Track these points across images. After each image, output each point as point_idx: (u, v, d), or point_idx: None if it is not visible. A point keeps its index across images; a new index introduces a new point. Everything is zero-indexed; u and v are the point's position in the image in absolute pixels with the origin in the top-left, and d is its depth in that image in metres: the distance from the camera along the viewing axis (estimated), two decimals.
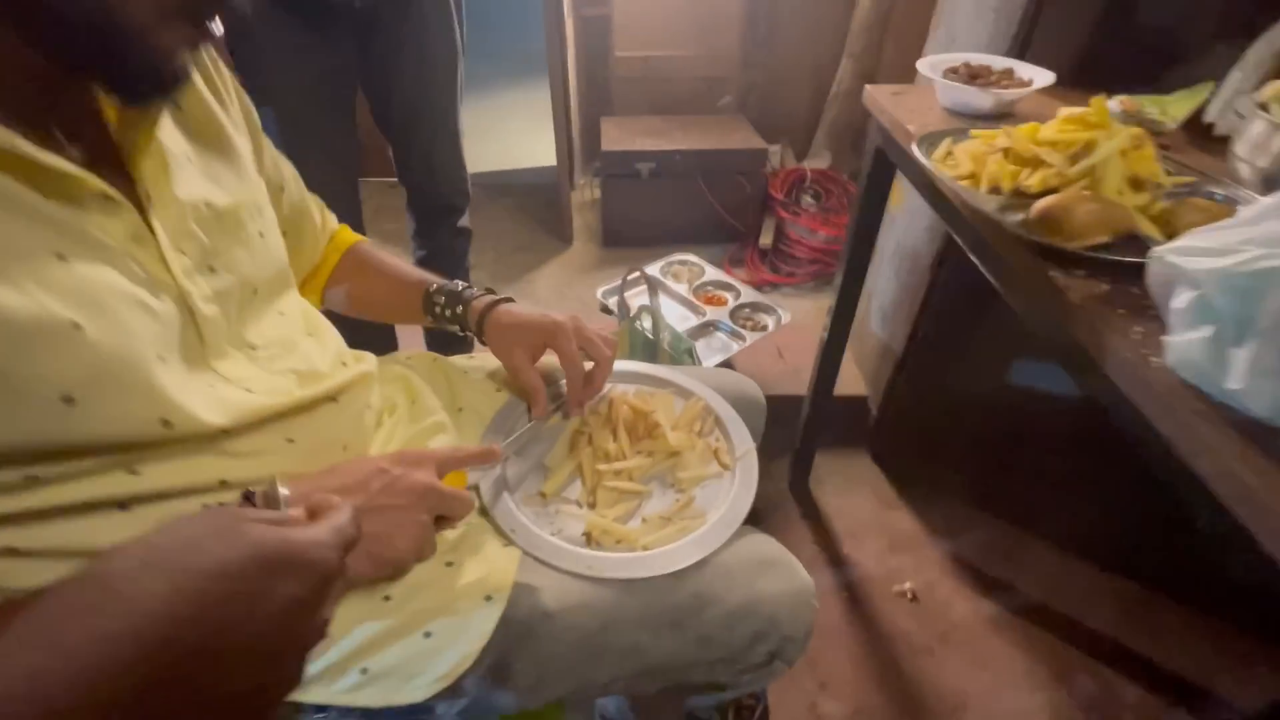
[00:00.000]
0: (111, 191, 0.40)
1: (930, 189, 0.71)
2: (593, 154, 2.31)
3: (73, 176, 0.37)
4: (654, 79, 2.21)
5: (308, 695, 0.49)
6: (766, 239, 2.00)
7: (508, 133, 2.90)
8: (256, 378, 0.50)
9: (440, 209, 1.21)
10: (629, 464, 0.64)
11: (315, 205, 0.69)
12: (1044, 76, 0.76)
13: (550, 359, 0.69)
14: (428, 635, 0.50)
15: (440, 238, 1.23)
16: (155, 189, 0.43)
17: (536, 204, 2.34)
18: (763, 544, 0.60)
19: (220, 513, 0.28)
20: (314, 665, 0.49)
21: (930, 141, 0.66)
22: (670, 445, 0.65)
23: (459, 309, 0.68)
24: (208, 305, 0.46)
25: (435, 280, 0.70)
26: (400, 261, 0.73)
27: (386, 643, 0.50)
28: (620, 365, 0.77)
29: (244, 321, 0.51)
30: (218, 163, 0.51)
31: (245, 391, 0.48)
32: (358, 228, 1.20)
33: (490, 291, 0.70)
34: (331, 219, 0.72)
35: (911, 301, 1.23)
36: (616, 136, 1.97)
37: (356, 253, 0.73)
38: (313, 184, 0.69)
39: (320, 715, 0.52)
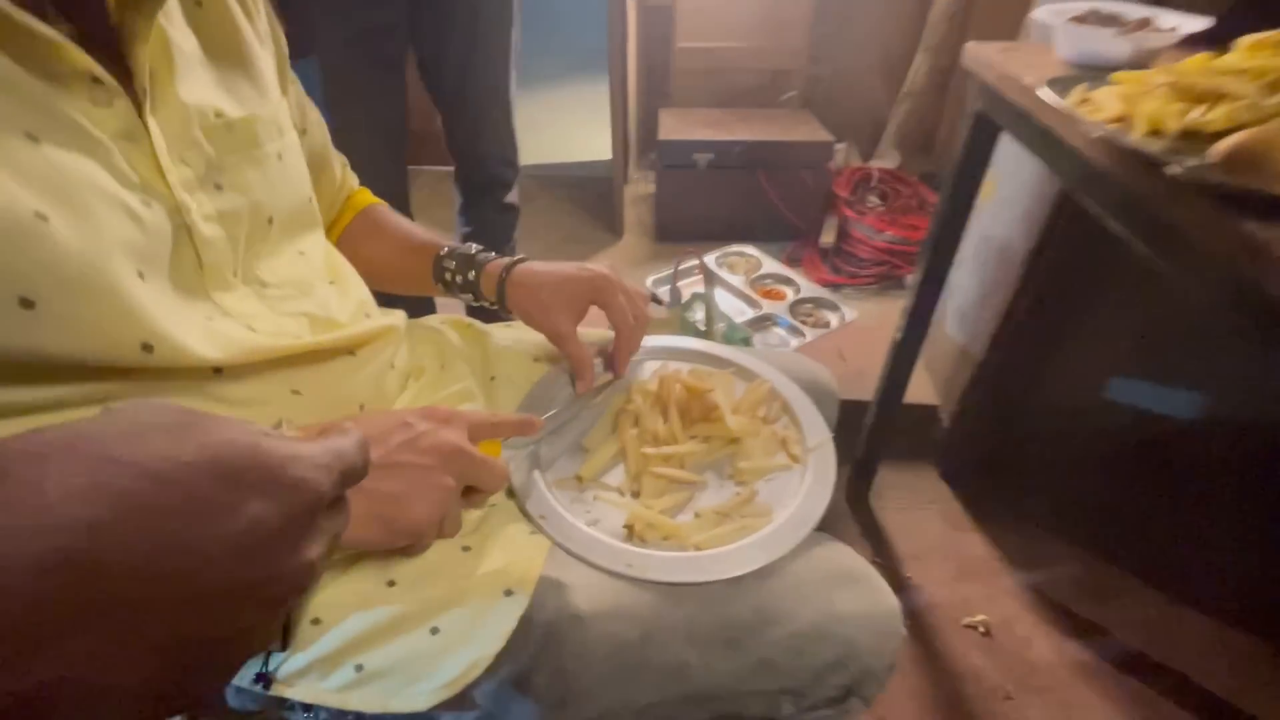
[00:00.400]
0: (101, 73, 0.34)
1: (1053, 147, 0.60)
2: (648, 147, 2.25)
3: (54, 45, 0.32)
4: (716, 70, 2.13)
5: (293, 690, 0.42)
6: (828, 238, 1.89)
7: (563, 126, 2.87)
8: (262, 316, 0.43)
9: (487, 181, 1.15)
10: (680, 449, 0.55)
11: (338, 161, 0.63)
12: (1194, 22, 0.64)
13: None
14: (435, 631, 0.42)
15: (486, 213, 1.18)
16: (155, 85, 0.38)
17: (588, 196, 2.29)
18: (840, 554, 0.50)
19: (181, 406, 0.21)
20: (302, 655, 0.42)
21: (1060, 87, 0.56)
22: (729, 431, 0.56)
23: (471, 274, 0.60)
24: (209, 225, 0.40)
25: (447, 244, 0.62)
26: (414, 225, 0.66)
27: (387, 636, 0.42)
28: (674, 342, 0.68)
29: (256, 254, 0.45)
30: (235, 74, 0.45)
31: (247, 329, 0.41)
32: (403, 202, 1.16)
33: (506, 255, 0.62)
34: (352, 178, 0.66)
35: (998, 300, 1.10)
36: (674, 126, 1.89)
37: (371, 215, 0.66)
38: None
39: (308, 715, 0.44)
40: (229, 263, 0.41)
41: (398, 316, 0.56)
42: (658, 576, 0.45)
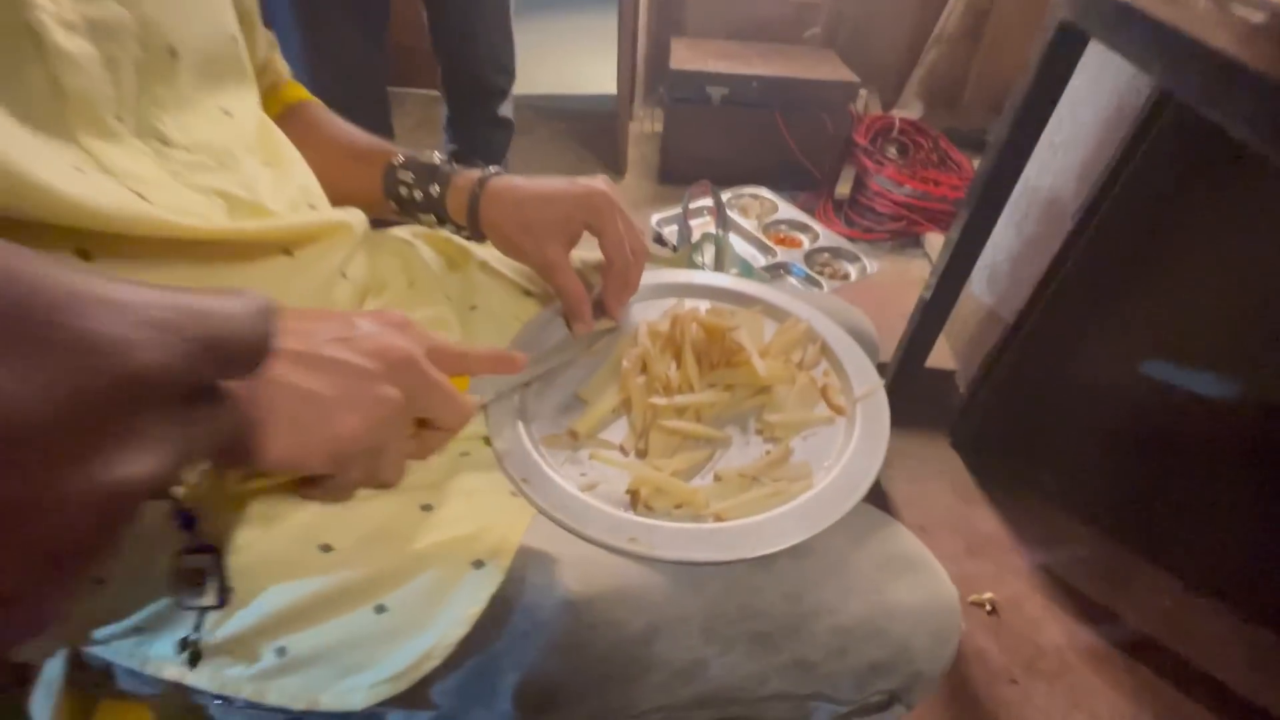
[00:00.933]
0: None
1: (1174, 48, 0.49)
2: (656, 82, 2.09)
3: None
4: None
5: (196, 675, 0.33)
6: (843, 188, 1.77)
7: (567, 55, 2.69)
8: (160, 184, 0.32)
9: (479, 90, 1.01)
10: (697, 398, 0.45)
11: (265, 37, 0.49)
12: None
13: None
14: (381, 610, 0.33)
15: (476, 127, 1.04)
16: None
17: (589, 131, 2.14)
18: (894, 533, 0.41)
19: None
20: (216, 631, 0.32)
21: None
22: (758, 377, 0.46)
23: (434, 189, 0.48)
24: (71, 37, 0.28)
25: (402, 153, 0.50)
26: (359, 130, 0.53)
27: (319, 614, 0.32)
28: (689, 276, 0.58)
29: (157, 100, 0.33)
30: None
31: (135, 197, 0.30)
32: (384, 120, 1.01)
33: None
34: (283, 66, 0.52)
35: (1039, 259, 1.00)
36: (687, 57, 1.74)
37: (302, 113, 0.52)
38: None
39: (220, 703, 0.35)
40: (108, 99, 0.30)
41: (354, 215, 0.44)
42: (668, 554, 0.36)
